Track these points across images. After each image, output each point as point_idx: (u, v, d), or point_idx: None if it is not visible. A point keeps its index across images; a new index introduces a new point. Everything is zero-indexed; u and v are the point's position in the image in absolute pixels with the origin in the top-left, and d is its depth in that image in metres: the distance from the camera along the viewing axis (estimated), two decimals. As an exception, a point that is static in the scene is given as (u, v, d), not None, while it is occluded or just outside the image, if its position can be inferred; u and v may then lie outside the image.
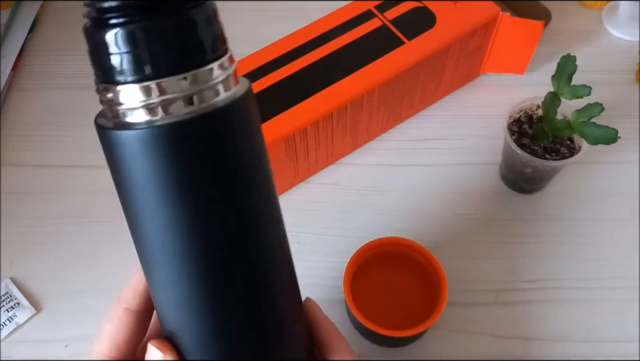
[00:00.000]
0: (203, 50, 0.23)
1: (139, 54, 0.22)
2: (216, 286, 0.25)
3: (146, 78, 0.22)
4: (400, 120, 0.57)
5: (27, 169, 0.55)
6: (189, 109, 0.23)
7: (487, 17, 0.53)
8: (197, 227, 0.24)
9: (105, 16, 0.22)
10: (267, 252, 0.26)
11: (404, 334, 0.41)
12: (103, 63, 0.23)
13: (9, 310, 0.47)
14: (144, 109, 0.23)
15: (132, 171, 0.24)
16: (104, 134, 0.24)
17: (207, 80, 0.23)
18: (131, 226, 0.26)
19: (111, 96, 0.23)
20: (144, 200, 0.24)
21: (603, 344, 0.45)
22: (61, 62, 0.63)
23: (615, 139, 0.43)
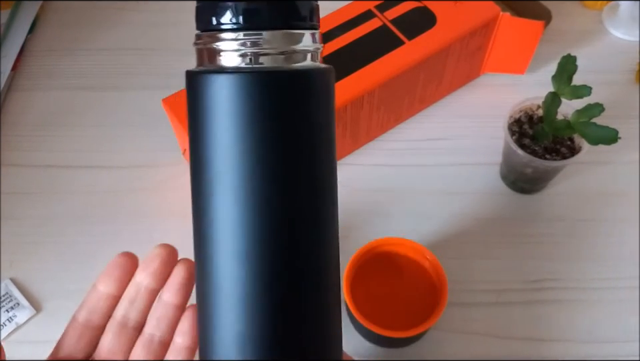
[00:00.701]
0: (298, 15, 0.26)
1: (244, 6, 0.24)
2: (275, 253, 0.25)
3: (247, 28, 0.25)
4: (400, 120, 0.57)
5: (27, 169, 0.55)
6: (277, 64, 0.25)
7: (487, 17, 0.53)
8: (266, 175, 0.25)
9: None
10: (333, 246, 0.27)
11: (404, 334, 0.41)
12: (211, 13, 0.25)
13: (9, 310, 0.47)
14: (239, 56, 0.25)
15: (214, 116, 0.25)
16: (194, 78, 0.25)
17: (297, 42, 0.26)
18: (196, 172, 0.26)
19: (212, 42, 0.25)
20: (220, 147, 0.25)
21: (604, 344, 0.45)
22: (61, 62, 0.63)
23: (615, 139, 0.43)
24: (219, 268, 0.26)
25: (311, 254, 0.26)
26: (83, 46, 0.64)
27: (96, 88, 0.61)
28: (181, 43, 0.64)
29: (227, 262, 0.26)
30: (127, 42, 0.65)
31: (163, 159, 0.55)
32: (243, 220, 0.25)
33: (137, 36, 0.65)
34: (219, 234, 0.26)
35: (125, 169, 0.55)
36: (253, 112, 0.25)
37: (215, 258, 0.26)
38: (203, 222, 0.26)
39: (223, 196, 0.25)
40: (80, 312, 0.32)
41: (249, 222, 0.25)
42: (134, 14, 0.67)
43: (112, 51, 0.64)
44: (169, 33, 0.65)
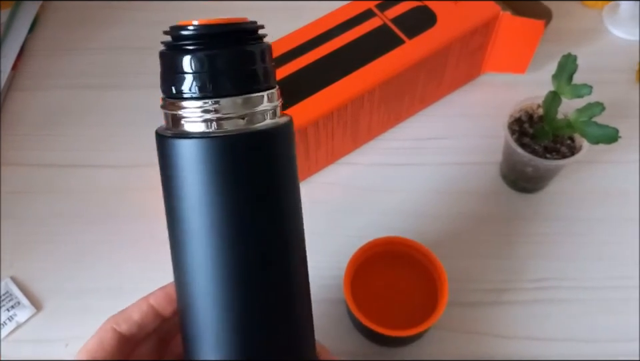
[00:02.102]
0: (255, 79, 0.28)
1: (205, 76, 0.27)
2: (246, 289, 0.28)
3: (207, 97, 0.27)
4: (400, 119, 0.57)
5: (27, 168, 0.55)
6: (239, 126, 0.27)
7: (488, 16, 0.53)
8: (232, 229, 0.28)
9: (182, 43, 0.27)
10: (291, 263, 0.30)
11: (404, 333, 0.41)
12: (174, 82, 0.27)
13: (9, 309, 0.47)
14: (202, 122, 0.27)
15: (183, 174, 0.27)
16: (163, 141, 0.28)
17: (256, 105, 0.28)
18: (171, 230, 0.29)
19: (175, 109, 0.27)
20: (189, 202, 0.27)
21: (604, 343, 0.45)
22: (61, 61, 0.63)
23: (615, 138, 0.43)
24: (196, 298, 0.29)
25: (277, 287, 0.29)
26: (83, 46, 0.64)
27: (96, 88, 0.61)
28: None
29: (200, 295, 0.29)
30: (127, 41, 0.65)
31: (163, 158, 0.55)
32: (212, 271, 0.28)
33: (137, 35, 0.65)
34: (194, 278, 0.29)
35: (125, 168, 0.55)
36: (217, 174, 0.27)
37: (192, 292, 0.29)
38: (180, 270, 0.29)
39: (191, 250, 0.28)
40: (124, 324, 0.32)
41: (216, 271, 0.28)
42: (134, 13, 0.67)
43: (112, 50, 0.64)
44: (169, 32, 0.65)
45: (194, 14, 0.70)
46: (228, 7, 0.66)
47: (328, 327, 0.46)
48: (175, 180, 0.28)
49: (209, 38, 0.27)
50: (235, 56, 0.27)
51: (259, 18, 0.71)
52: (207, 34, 0.27)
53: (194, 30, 0.27)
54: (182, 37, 0.27)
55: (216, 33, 0.27)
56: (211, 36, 0.27)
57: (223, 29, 0.28)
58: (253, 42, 0.28)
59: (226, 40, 0.27)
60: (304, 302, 0.31)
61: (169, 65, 0.28)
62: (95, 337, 0.31)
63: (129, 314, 0.32)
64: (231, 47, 0.27)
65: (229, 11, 0.71)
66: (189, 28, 0.27)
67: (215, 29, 0.27)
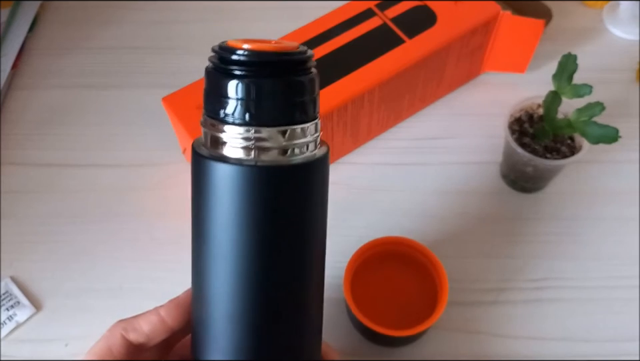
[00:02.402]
0: (301, 111, 0.28)
1: (250, 104, 0.26)
2: (267, 316, 0.29)
3: (251, 124, 0.26)
4: (400, 119, 0.57)
5: (27, 168, 0.55)
6: (277, 158, 0.27)
7: (488, 16, 0.53)
8: (257, 256, 0.28)
9: (228, 66, 0.26)
10: (309, 295, 0.30)
11: (404, 333, 0.41)
12: (218, 103, 0.27)
13: (9, 308, 0.47)
14: (241, 148, 0.27)
15: (216, 197, 0.27)
16: (199, 160, 0.28)
17: (298, 137, 0.27)
18: (196, 245, 0.29)
19: (216, 131, 0.27)
20: (217, 226, 0.28)
21: (604, 343, 0.45)
22: (61, 61, 0.63)
23: (615, 138, 0.43)
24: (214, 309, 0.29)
25: (294, 315, 0.30)
26: (83, 45, 0.64)
27: (96, 87, 0.61)
28: (181, 42, 0.65)
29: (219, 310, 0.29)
30: (126, 40, 0.65)
31: (163, 158, 0.55)
32: (232, 294, 0.28)
33: (137, 34, 0.65)
34: (215, 298, 0.29)
35: (125, 168, 0.55)
36: (250, 202, 0.27)
37: (213, 315, 0.29)
38: (202, 287, 0.29)
39: (215, 272, 0.28)
40: (132, 333, 0.31)
41: (237, 293, 0.28)
42: (134, 12, 0.67)
43: (112, 50, 0.64)
44: (169, 32, 0.65)
45: (194, 14, 0.70)
46: (226, 5, 0.66)
47: (328, 326, 0.45)
48: (207, 200, 0.27)
49: (259, 66, 0.26)
50: (283, 86, 0.27)
51: (259, 17, 0.71)
52: (257, 63, 0.26)
53: (245, 57, 0.26)
54: (232, 61, 0.26)
55: (267, 62, 0.26)
56: (262, 64, 0.26)
57: (275, 58, 0.27)
58: (302, 72, 0.28)
59: (276, 69, 0.27)
60: (316, 324, 0.32)
61: (215, 86, 0.27)
62: (103, 340, 0.31)
63: (139, 324, 0.31)
64: (281, 77, 0.27)
65: (227, 10, 0.72)
66: (239, 52, 0.26)
67: (266, 57, 0.26)
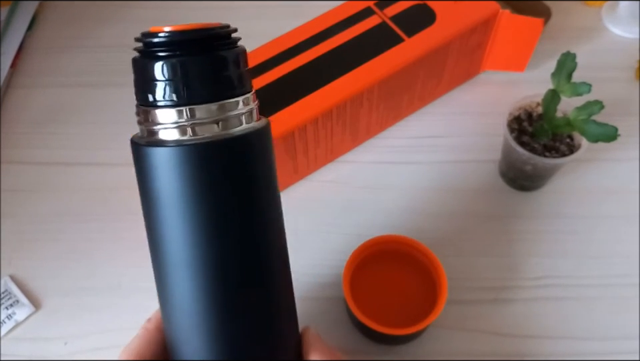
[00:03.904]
0: (230, 84, 0.28)
1: (177, 83, 0.26)
2: (223, 295, 0.28)
3: (181, 104, 0.27)
4: (400, 117, 0.57)
5: (26, 167, 0.55)
6: (213, 133, 0.27)
7: (487, 15, 0.53)
8: (208, 240, 0.28)
9: (153, 50, 0.27)
10: (271, 268, 0.30)
11: (403, 332, 0.41)
12: (147, 89, 0.27)
13: (8, 307, 0.47)
14: (176, 129, 0.27)
15: (158, 183, 0.27)
16: (138, 149, 0.28)
17: (231, 110, 0.27)
18: (150, 237, 0.29)
19: (149, 117, 0.27)
20: (166, 211, 0.28)
21: (604, 341, 0.45)
22: (60, 59, 0.63)
23: (614, 137, 0.43)
24: (172, 286, 0.29)
25: (257, 293, 0.29)
26: (82, 44, 0.64)
27: (95, 86, 0.61)
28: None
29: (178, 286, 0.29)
30: (126, 39, 0.64)
31: (162, 156, 0.55)
32: (189, 282, 0.28)
33: (136, 33, 0.64)
34: (172, 288, 0.29)
35: (124, 166, 0.55)
36: (193, 182, 0.27)
37: (172, 301, 0.29)
38: (160, 274, 0.29)
39: (170, 259, 0.28)
40: (153, 317, 0.33)
41: (195, 281, 0.28)
42: (133, 11, 0.67)
43: (111, 48, 0.64)
44: (168, 30, 0.65)
45: (194, 13, 0.70)
46: (225, 4, 0.66)
47: (327, 325, 0.46)
48: (152, 188, 0.28)
49: (182, 44, 0.27)
50: (208, 62, 0.27)
51: (258, 16, 0.71)
52: (179, 41, 0.27)
53: (166, 37, 0.26)
54: (154, 44, 0.27)
55: (189, 40, 0.27)
56: (184, 42, 0.27)
57: (196, 35, 0.27)
58: (226, 47, 0.28)
59: (199, 46, 0.27)
60: (284, 305, 0.31)
61: (142, 72, 0.27)
62: (140, 338, 0.32)
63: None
64: (204, 53, 0.27)
65: (226, 8, 0.72)
66: (161, 35, 0.27)
67: (187, 35, 0.27)
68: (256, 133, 0.28)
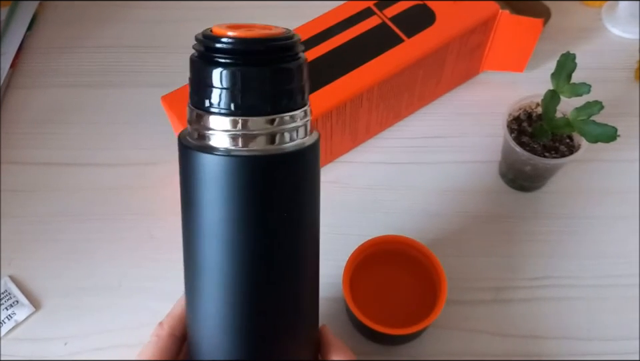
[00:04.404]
0: (287, 99, 0.27)
1: (235, 92, 0.25)
2: (253, 302, 0.29)
3: (237, 114, 0.26)
4: (399, 118, 0.57)
5: (26, 167, 0.55)
6: (266, 147, 0.26)
7: (487, 15, 0.53)
8: (247, 252, 0.27)
9: (213, 54, 0.26)
10: (303, 280, 0.30)
11: (403, 331, 0.41)
12: (203, 93, 0.26)
13: (8, 307, 0.47)
14: (228, 138, 0.26)
15: (204, 188, 0.27)
16: (186, 151, 0.27)
17: (287, 124, 0.27)
18: (186, 238, 0.29)
19: (201, 120, 0.26)
20: (208, 216, 0.27)
21: (603, 341, 0.45)
22: (60, 59, 0.63)
23: (614, 137, 0.43)
24: (206, 296, 0.29)
25: (288, 301, 0.30)
26: (82, 44, 0.64)
27: (95, 86, 0.61)
28: (180, 41, 0.64)
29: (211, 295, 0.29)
30: (125, 39, 0.65)
31: (162, 157, 0.55)
32: (225, 293, 0.28)
33: (136, 33, 0.65)
34: (207, 283, 0.29)
35: (124, 166, 0.55)
36: (239, 192, 0.26)
37: (203, 292, 0.29)
38: (193, 275, 0.29)
39: (208, 267, 0.28)
40: (165, 323, 0.33)
41: (231, 291, 0.28)
42: (133, 11, 0.67)
43: (111, 49, 0.64)
44: (168, 31, 0.65)
45: (193, 13, 0.70)
46: (224, 4, 0.66)
47: (327, 325, 0.46)
48: (197, 192, 0.27)
49: (244, 54, 0.25)
50: (269, 75, 0.26)
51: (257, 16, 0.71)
52: (242, 51, 0.25)
53: (229, 45, 0.25)
54: (215, 49, 0.26)
55: (252, 50, 0.26)
56: (247, 52, 0.25)
57: (260, 46, 0.26)
58: (289, 59, 0.27)
59: (262, 57, 0.26)
60: (312, 310, 0.32)
61: (199, 75, 0.26)
62: (154, 346, 0.32)
63: (180, 316, 0.33)
64: (267, 65, 0.26)
65: (225, 8, 0.71)
66: (224, 40, 0.25)
67: (251, 46, 0.25)
68: (307, 149, 0.28)
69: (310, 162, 0.28)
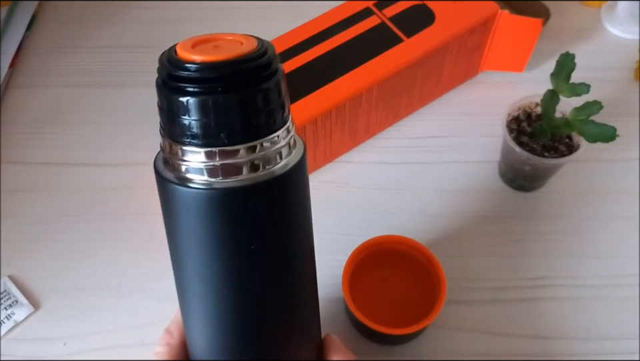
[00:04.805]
0: (267, 121, 0.24)
1: (208, 123, 0.23)
2: (245, 332, 0.28)
3: (211, 145, 0.23)
4: (399, 117, 0.57)
5: (26, 167, 0.55)
6: (249, 175, 0.24)
7: (486, 15, 0.53)
8: (237, 282, 0.26)
9: (179, 83, 0.23)
10: (302, 296, 0.30)
11: (403, 331, 0.41)
12: (173, 123, 0.23)
13: (7, 307, 0.47)
14: (205, 170, 0.24)
15: (184, 222, 0.25)
16: (164, 184, 0.25)
17: (269, 148, 0.24)
18: (175, 267, 0.28)
19: (175, 152, 0.24)
20: (191, 249, 0.26)
21: (603, 341, 0.45)
22: (59, 59, 0.63)
23: (613, 137, 0.43)
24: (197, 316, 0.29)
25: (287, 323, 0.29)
26: (82, 44, 0.64)
27: (94, 86, 0.61)
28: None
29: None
30: (125, 39, 0.64)
31: (162, 157, 0.55)
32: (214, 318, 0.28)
33: (136, 33, 0.65)
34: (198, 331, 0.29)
35: (124, 166, 0.55)
36: (225, 226, 0.24)
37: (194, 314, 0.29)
38: (185, 299, 0.29)
39: (194, 293, 0.27)
40: (176, 331, 0.33)
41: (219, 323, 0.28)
42: (132, 11, 0.67)
43: (110, 48, 0.64)
44: (168, 30, 0.65)
45: (192, 13, 0.70)
46: (228, 5, 0.66)
47: (326, 325, 0.45)
48: (178, 226, 0.25)
49: (215, 81, 0.22)
50: (245, 99, 0.23)
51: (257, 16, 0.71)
52: (211, 78, 0.22)
53: (196, 71, 0.22)
54: (182, 78, 0.23)
55: (222, 76, 0.22)
56: (217, 79, 0.22)
57: (232, 70, 0.22)
58: (266, 78, 0.23)
59: (235, 81, 0.23)
60: (312, 327, 0.32)
61: (167, 104, 0.23)
62: (166, 356, 0.32)
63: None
64: (241, 89, 0.23)
65: (224, 9, 0.71)
66: (190, 67, 0.22)
67: (221, 70, 0.22)
68: (294, 168, 0.25)
69: (298, 180, 0.26)
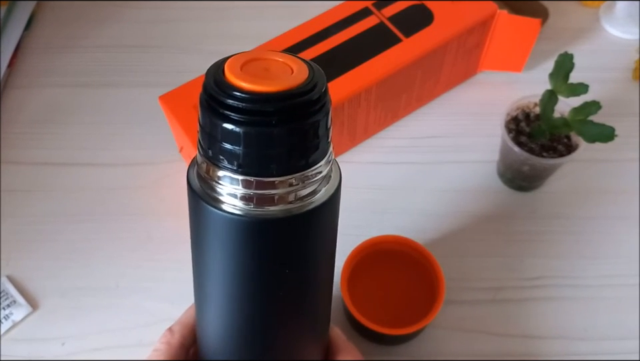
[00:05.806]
0: (312, 154, 0.23)
1: (251, 153, 0.22)
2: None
3: (250, 174, 0.22)
4: (397, 117, 0.57)
5: (24, 167, 0.55)
6: (281, 208, 0.23)
7: (485, 15, 0.53)
8: (254, 303, 0.26)
9: (227, 112, 0.22)
10: (317, 326, 0.31)
11: (401, 331, 0.41)
12: (214, 146, 0.22)
13: (5, 308, 0.47)
14: (240, 198, 0.23)
15: (213, 240, 0.25)
16: (197, 200, 0.24)
17: (308, 180, 0.23)
18: (196, 273, 0.28)
19: (211, 173, 0.23)
20: (217, 264, 0.26)
21: (602, 341, 0.45)
22: (58, 59, 0.63)
23: (612, 137, 0.43)
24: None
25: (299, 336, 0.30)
26: (80, 44, 0.64)
27: (93, 86, 0.61)
28: (178, 40, 0.64)
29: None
30: (123, 39, 0.64)
31: (160, 156, 0.55)
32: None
33: (134, 33, 0.65)
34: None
35: (122, 166, 0.55)
36: (251, 257, 0.24)
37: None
38: (203, 307, 0.29)
39: (215, 309, 0.28)
40: (177, 332, 0.33)
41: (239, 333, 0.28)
42: (131, 11, 0.67)
43: (109, 48, 0.64)
44: (166, 30, 0.65)
45: (191, 13, 0.70)
46: (222, 5, 0.66)
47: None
48: (205, 239, 0.25)
49: (262, 114, 0.21)
50: (293, 134, 0.22)
51: (256, 16, 0.71)
52: (259, 111, 0.21)
53: (247, 103, 0.21)
54: (227, 106, 0.21)
55: (271, 111, 0.21)
56: (265, 113, 0.21)
57: (281, 104, 0.21)
58: (316, 112, 0.22)
59: (285, 115, 0.21)
60: (324, 326, 0.33)
61: (209, 125, 0.22)
62: (164, 354, 0.32)
63: (189, 323, 0.33)
64: (289, 123, 0.22)
65: (223, 8, 0.71)
66: (238, 96, 0.21)
67: (274, 105, 0.21)
68: (330, 198, 0.24)
69: (332, 209, 0.26)
